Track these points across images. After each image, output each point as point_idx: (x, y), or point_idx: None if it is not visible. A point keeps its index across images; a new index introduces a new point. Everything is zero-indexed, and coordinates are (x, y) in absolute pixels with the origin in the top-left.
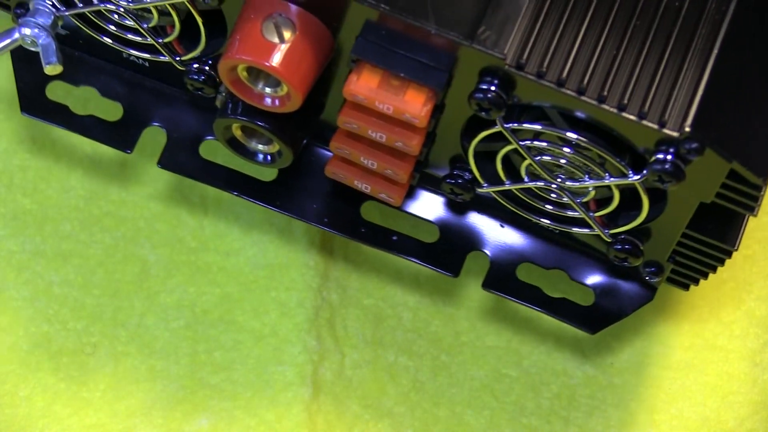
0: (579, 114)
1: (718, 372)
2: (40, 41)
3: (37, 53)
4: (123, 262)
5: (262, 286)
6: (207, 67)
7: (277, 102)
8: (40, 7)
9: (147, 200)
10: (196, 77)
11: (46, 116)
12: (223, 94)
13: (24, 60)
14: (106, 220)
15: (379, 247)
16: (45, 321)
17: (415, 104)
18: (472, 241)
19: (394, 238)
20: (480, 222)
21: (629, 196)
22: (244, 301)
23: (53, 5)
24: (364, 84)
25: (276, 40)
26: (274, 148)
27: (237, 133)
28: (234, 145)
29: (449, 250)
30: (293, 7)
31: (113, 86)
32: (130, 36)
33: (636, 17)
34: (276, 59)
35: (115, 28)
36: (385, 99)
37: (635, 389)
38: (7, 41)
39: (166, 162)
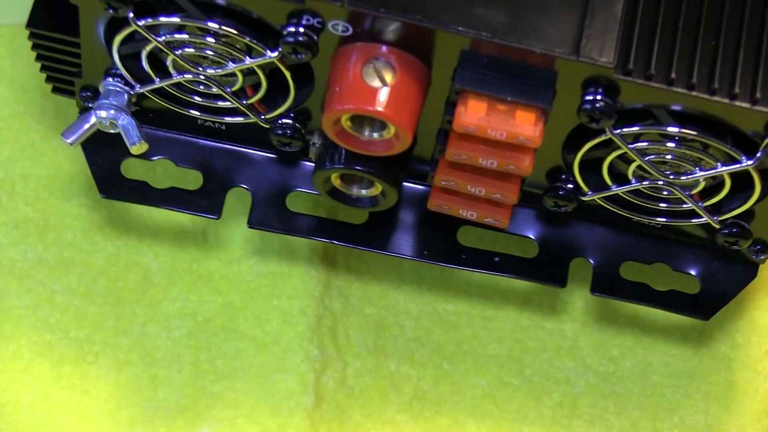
0: (677, 107)
1: (720, 380)
2: (120, 122)
3: (113, 134)
4: (125, 270)
5: (264, 294)
6: (292, 121)
7: (385, 145)
8: (112, 88)
9: (149, 208)
10: (282, 132)
11: (126, 196)
12: (317, 145)
13: (92, 142)
14: (108, 228)
15: (483, 270)
16: (47, 329)
17: (527, 126)
18: (572, 249)
19: (496, 259)
20: (576, 228)
21: (737, 180)
22: (246, 310)
23: (125, 83)
24: (473, 114)
25: (378, 84)
26: (377, 190)
27: (336, 182)
28: (335, 195)
29: (551, 261)
30: (388, 49)
31: (188, 154)
32: (205, 102)
33: (727, 5)
34: (383, 103)
35: (190, 97)
36: (496, 125)
37: (637, 398)
38: (86, 127)
39: (255, 221)
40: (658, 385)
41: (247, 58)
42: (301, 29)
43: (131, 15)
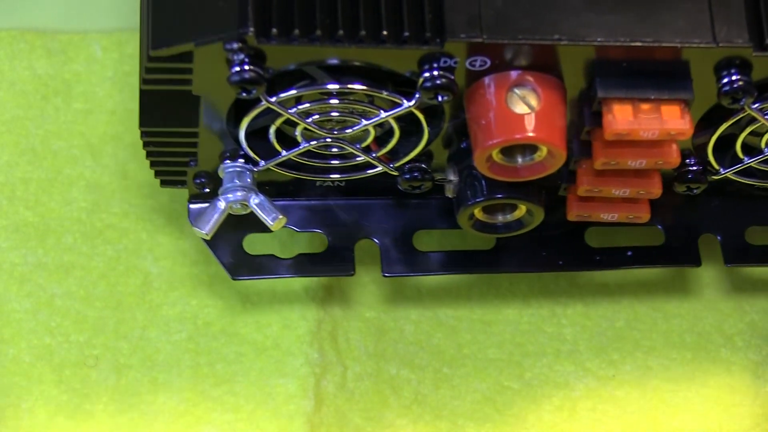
0: None
1: (720, 384)
2: (252, 202)
3: (240, 216)
4: (125, 274)
5: (264, 298)
6: (419, 163)
7: (539, 168)
8: (233, 169)
9: (149, 212)
10: (412, 177)
11: (257, 273)
12: (453, 181)
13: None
14: (108, 232)
15: (622, 267)
16: (47, 333)
17: (675, 120)
18: (696, 227)
19: (629, 253)
20: (695, 207)
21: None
22: (246, 314)
23: (245, 162)
24: (622, 120)
25: (526, 109)
26: (521, 211)
27: (480, 215)
28: (480, 227)
29: (680, 244)
30: (525, 72)
31: (307, 218)
32: (327, 164)
33: None
34: (536, 128)
35: (314, 162)
36: (647, 126)
37: (637, 402)
38: (218, 215)
39: (389, 270)
40: (658, 389)
41: (382, 111)
42: (439, 72)
43: (264, 94)
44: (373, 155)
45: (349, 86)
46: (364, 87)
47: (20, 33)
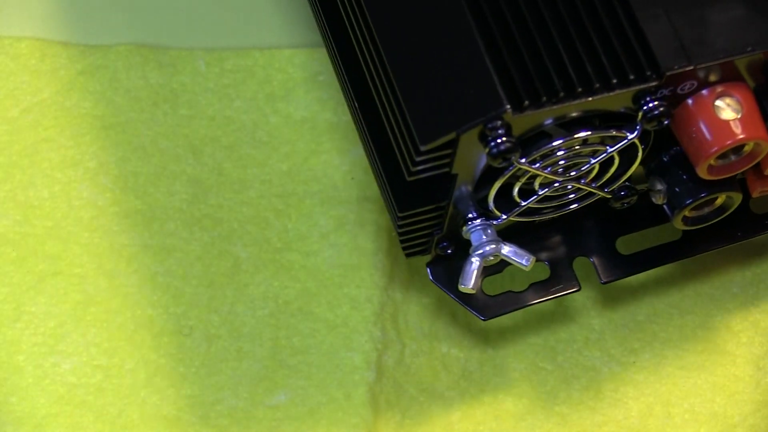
0: None
1: (726, 374)
2: (504, 252)
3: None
4: (218, 257)
5: (336, 283)
6: (626, 183)
7: (748, 160)
8: (478, 228)
9: (240, 205)
10: (623, 195)
11: (502, 310)
12: (662, 190)
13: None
14: (205, 221)
15: None
16: (149, 305)
17: None
18: None
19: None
20: None
21: None
22: (321, 296)
23: (486, 219)
24: None
25: (734, 115)
26: (722, 199)
27: (689, 213)
28: (690, 222)
29: None
30: (722, 85)
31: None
32: (549, 203)
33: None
34: (747, 128)
35: (543, 204)
36: None
37: (653, 385)
38: (476, 272)
39: (606, 277)
40: (672, 376)
41: (608, 147)
42: (656, 103)
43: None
44: (594, 185)
45: (583, 134)
46: (590, 132)
47: (136, 48)
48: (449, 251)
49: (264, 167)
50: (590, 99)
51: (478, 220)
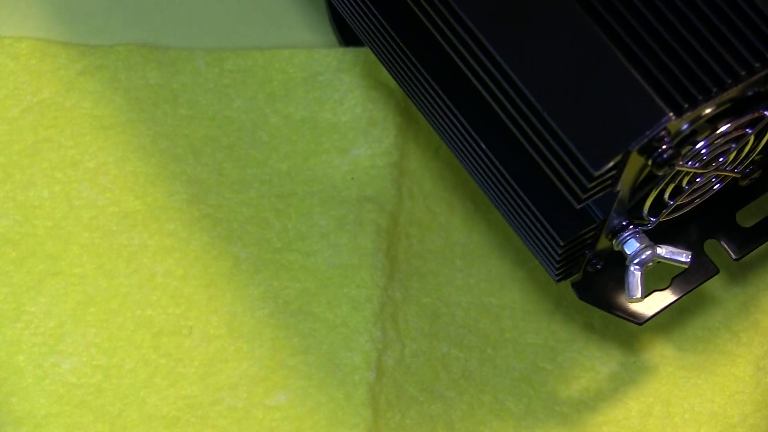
0: None
1: (726, 374)
2: (661, 253)
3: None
4: (217, 258)
5: (336, 283)
6: (752, 160)
7: None
8: (631, 237)
9: (240, 205)
10: (751, 170)
11: (652, 311)
12: None
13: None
14: (205, 220)
15: None
16: (149, 305)
17: None
18: None
19: None
20: None
21: None
22: (321, 296)
23: (635, 226)
24: None
25: None
26: None
27: None
28: None
29: None
30: None
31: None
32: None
33: None
34: None
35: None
36: None
37: (653, 385)
38: (640, 281)
39: (738, 252)
40: (672, 376)
41: (747, 130)
42: None
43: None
44: (733, 169)
45: (728, 125)
46: (733, 121)
47: (136, 48)
48: (599, 266)
49: (264, 167)
50: (737, 87)
51: (629, 230)
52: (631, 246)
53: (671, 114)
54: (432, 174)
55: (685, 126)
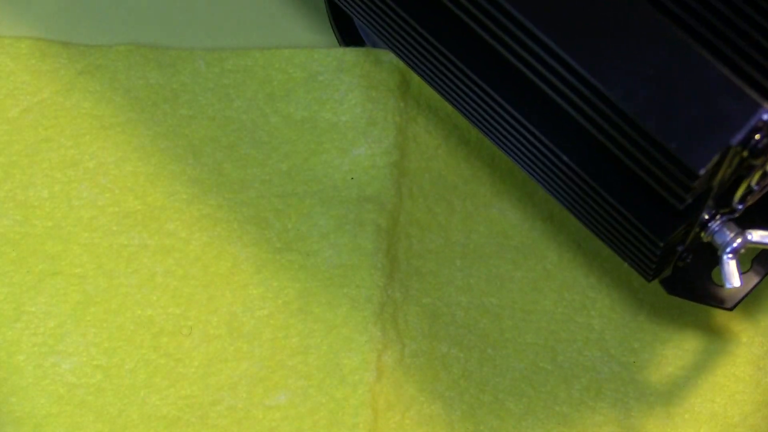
0: None
1: (726, 374)
2: (753, 238)
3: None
4: (217, 257)
5: (336, 283)
6: None
7: None
8: (719, 228)
9: (240, 205)
10: None
11: (739, 295)
12: None
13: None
14: (204, 220)
15: None
16: (149, 306)
17: None
18: None
19: None
20: None
21: None
22: (320, 296)
23: (722, 215)
24: None
25: None
26: None
27: None
28: None
29: None
30: None
31: None
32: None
33: None
34: None
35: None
36: None
37: (654, 385)
38: (736, 269)
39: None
40: (672, 376)
41: None
42: None
43: None
44: None
45: None
46: None
47: (136, 47)
48: (688, 260)
49: (264, 167)
50: None
51: (717, 220)
52: (723, 236)
53: (766, 104)
54: (432, 174)
55: None
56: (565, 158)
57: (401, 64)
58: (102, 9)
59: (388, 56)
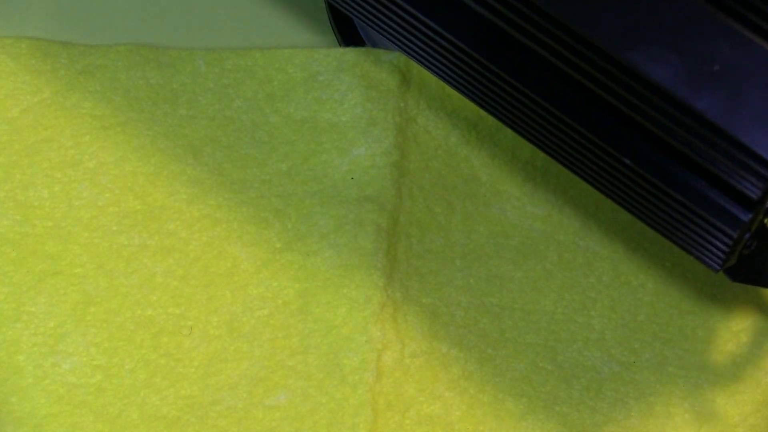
0: None
1: (726, 374)
2: None
3: None
4: (217, 257)
5: (335, 283)
6: None
7: None
8: None
9: (240, 205)
10: None
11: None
12: None
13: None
14: (204, 220)
15: None
16: (149, 306)
17: None
18: None
19: None
20: None
21: None
22: (320, 296)
23: None
24: None
25: None
26: None
27: None
28: None
29: None
30: None
31: None
32: None
33: None
34: None
35: None
36: None
37: (654, 385)
38: None
39: None
40: (673, 375)
41: None
42: None
43: None
44: None
45: None
46: None
47: (136, 47)
48: (752, 247)
49: (264, 167)
50: None
51: None
52: None
53: None
54: (432, 174)
55: None
56: (627, 161)
57: (401, 64)
58: (102, 9)
59: (388, 56)
